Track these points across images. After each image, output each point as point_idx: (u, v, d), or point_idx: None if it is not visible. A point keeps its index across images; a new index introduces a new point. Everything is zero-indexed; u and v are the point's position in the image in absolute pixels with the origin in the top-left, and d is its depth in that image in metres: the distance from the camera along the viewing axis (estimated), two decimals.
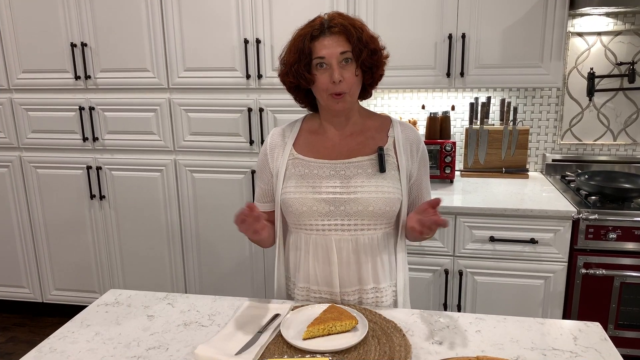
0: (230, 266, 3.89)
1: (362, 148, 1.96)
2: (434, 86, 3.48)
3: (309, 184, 1.93)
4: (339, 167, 1.94)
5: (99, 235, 4.04)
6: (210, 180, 3.76)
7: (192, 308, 1.98)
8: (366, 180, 1.91)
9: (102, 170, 3.89)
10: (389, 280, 2.01)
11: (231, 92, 3.60)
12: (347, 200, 1.90)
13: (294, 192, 1.94)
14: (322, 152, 1.98)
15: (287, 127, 2.08)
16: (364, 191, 1.90)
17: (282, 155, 2.01)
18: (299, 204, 1.92)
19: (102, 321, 1.90)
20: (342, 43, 1.81)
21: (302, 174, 1.95)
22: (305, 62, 1.83)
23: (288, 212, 1.97)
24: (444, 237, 3.25)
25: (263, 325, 1.78)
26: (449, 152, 3.58)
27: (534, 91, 3.86)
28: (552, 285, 3.19)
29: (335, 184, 1.92)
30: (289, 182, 1.97)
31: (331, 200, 1.91)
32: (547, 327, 1.79)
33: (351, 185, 1.91)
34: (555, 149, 3.92)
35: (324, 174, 1.94)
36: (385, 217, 1.92)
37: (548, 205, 3.14)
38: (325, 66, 1.82)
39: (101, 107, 3.78)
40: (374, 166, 1.93)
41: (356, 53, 1.81)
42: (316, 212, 1.92)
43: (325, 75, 1.83)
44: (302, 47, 1.82)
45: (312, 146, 2.00)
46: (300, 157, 1.98)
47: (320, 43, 1.81)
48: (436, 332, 1.77)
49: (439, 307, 3.37)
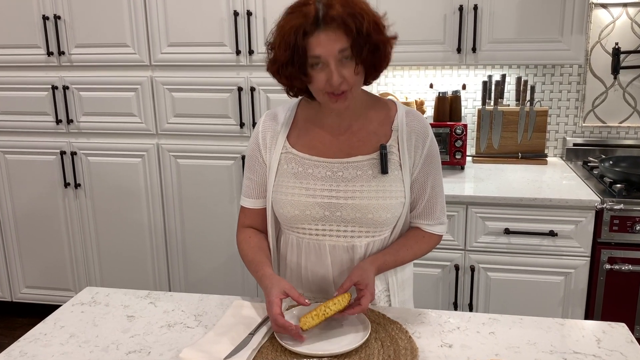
0: (219, 262, 3.89)
1: (362, 146, 1.91)
2: (443, 63, 3.47)
3: (302, 185, 1.91)
4: (336, 168, 1.90)
5: (74, 228, 4.04)
6: (197, 166, 3.75)
7: (177, 308, 1.98)
8: (366, 184, 1.87)
9: (77, 156, 3.89)
10: (383, 283, 2.01)
11: (220, 70, 3.59)
12: (344, 206, 1.87)
13: (285, 192, 1.92)
14: (319, 148, 1.94)
15: (281, 112, 2.02)
16: (363, 197, 1.87)
17: (275, 147, 1.97)
18: (291, 207, 1.90)
19: (77, 322, 1.90)
20: (340, 38, 1.69)
21: (296, 173, 1.92)
22: (299, 62, 1.73)
23: (279, 214, 1.96)
24: (454, 230, 3.25)
25: (255, 326, 1.78)
26: (459, 135, 3.58)
27: (553, 68, 3.85)
28: (573, 282, 3.20)
29: (332, 186, 1.89)
30: (280, 180, 1.94)
31: (326, 205, 1.88)
32: (568, 328, 1.80)
33: (349, 189, 1.88)
34: (576, 132, 3.92)
35: (319, 175, 1.90)
36: (385, 224, 1.90)
37: (569, 194, 3.14)
38: (322, 65, 1.73)
39: (76, 86, 3.77)
40: (374, 167, 1.89)
41: (356, 50, 1.70)
42: (309, 217, 1.90)
43: (322, 74, 1.74)
44: (294, 44, 1.70)
45: (307, 140, 1.96)
46: (294, 153, 1.94)
47: (315, 39, 1.70)
48: (446, 334, 1.77)
49: (449, 306, 3.38)
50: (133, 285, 3.98)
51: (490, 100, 3.84)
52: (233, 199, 3.72)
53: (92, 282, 4.11)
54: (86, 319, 1.92)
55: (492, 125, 3.88)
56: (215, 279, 3.94)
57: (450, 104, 3.74)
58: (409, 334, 1.74)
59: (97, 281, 4.11)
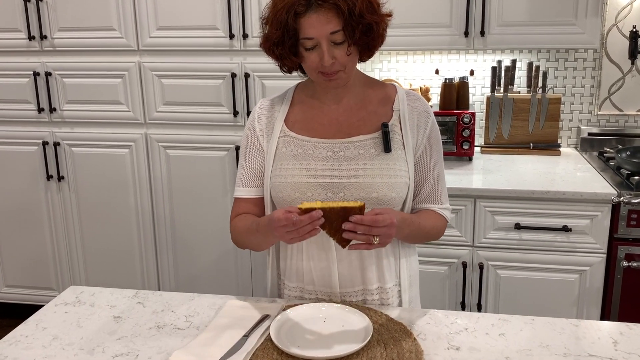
0: (211, 259, 3.89)
1: (363, 125, 1.95)
2: (449, 47, 3.47)
3: (302, 166, 1.92)
4: (337, 148, 1.93)
5: (57, 223, 4.03)
6: (188, 158, 3.75)
7: (167, 308, 1.99)
8: (369, 162, 1.90)
9: (60, 147, 3.88)
10: (395, 278, 2.01)
11: (212, 55, 3.59)
12: (347, 185, 1.89)
13: (285, 175, 1.93)
14: (318, 129, 1.97)
15: (277, 99, 2.07)
16: (367, 175, 1.89)
17: (273, 132, 2.00)
18: (291, 189, 1.91)
19: (60, 323, 1.90)
20: (332, 19, 1.76)
21: (295, 155, 1.94)
22: (290, 42, 1.81)
23: (278, 199, 1.96)
24: (461, 225, 3.25)
25: (250, 328, 1.78)
26: (467, 124, 3.57)
27: (567, 53, 3.84)
28: (588, 281, 3.20)
29: (334, 166, 1.91)
30: (279, 164, 1.95)
31: (328, 185, 1.90)
32: (583, 329, 1.80)
33: (352, 168, 1.90)
34: (591, 121, 3.91)
35: (320, 155, 1.93)
36: (391, 204, 1.91)
37: (583, 187, 3.14)
38: (314, 45, 1.80)
39: (59, 73, 3.76)
40: (377, 146, 1.92)
41: (348, 32, 1.77)
42: (311, 199, 1.90)
43: (314, 54, 1.82)
44: (285, 24, 1.78)
45: (306, 122, 1.99)
46: (293, 135, 1.97)
47: (306, 21, 1.77)
48: (453, 336, 1.77)
49: (456, 306, 3.38)
50: (120, 284, 3.98)
51: (499, 87, 3.83)
52: (226, 192, 3.72)
53: (77, 281, 4.11)
54: (70, 320, 1.92)
55: (501, 113, 3.87)
56: (208, 277, 3.94)
57: (457, 91, 3.73)
58: (413, 335, 1.74)
59: (81, 280, 4.11)
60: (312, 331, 1.75)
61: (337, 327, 1.78)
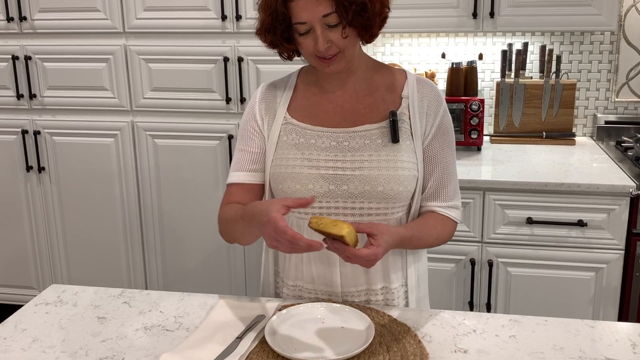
0: (202, 255, 3.90)
1: (369, 113, 1.95)
2: (456, 29, 3.47)
3: (304, 156, 1.93)
4: (341, 137, 1.93)
5: (38, 217, 4.03)
6: (177, 147, 3.75)
7: (154, 308, 1.99)
8: (374, 153, 1.90)
9: (40, 136, 3.88)
10: (401, 278, 2.01)
11: (203, 37, 3.58)
12: (351, 178, 1.89)
13: (285, 165, 1.93)
14: (322, 117, 1.97)
15: (280, 83, 2.07)
16: (372, 167, 1.89)
17: (275, 119, 2.00)
18: (292, 180, 1.91)
19: (41, 325, 1.90)
20: (323, 1, 1.76)
21: (297, 144, 1.94)
22: (281, 28, 1.82)
23: (277, 190, 1.96)
24: (469, 219, 3.26)
25: (243, 329, 1.78)
26: (475, 112, 3.57)
27: (582, 35, 3.84)
28: (605, 279, 3.20)
29: (337, 157, 1.91)
30: (280, 153, 1.96)
31: (331, 177, 1.90)
32: (599, 331, 1.80)
33: (356, 159, 1.90)
34: (608, 108, 3.91)
35: (322, 145, 1.93)
36: (398, 199, 1.91)
37: (600, 179, 3.14)
38: (308, 30, 1.80)
39: (40, 57, 3.76)
40: (384, 136, 1.92)
41: (341, 12, 1.77)
42: (312, 192, 1.91)
43: (309, 39, 1.82)
44: (274, 9, 1.80)
45: (309, 109, 1.99)
46: (295, 123, 1.97)
47: (296, 4, 1.77)
48: (460, 338, 1.77)
49: (464, 306, 3.38)
50: (104, 283, 3.98)
51: (510, 72, 3.83)
52: (218, 184, 3.72)
53: (58, 279, 4.12)
54: (51, 321, 1.92)
55: (512, 100, 3.87)
56: (198, 275, 3.94)
57: (465, 76, 3.73)
58: (418, 337, 1.74)
59: (63, 278, 4.11)
60: (310, 333, 1.75)
61: (337, 328, 1.78)
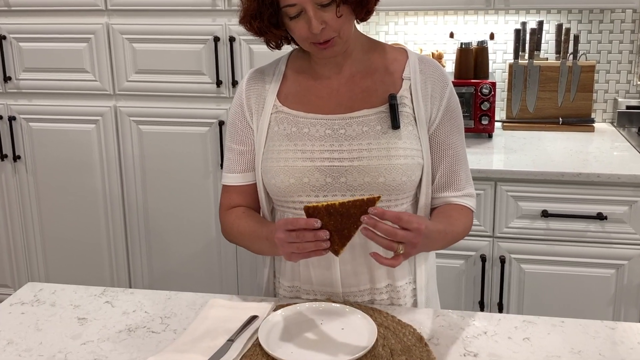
0: (191, 251, 3.90)
1: (367, 97, 1.94)
2: (466, 7, 3.48)
3: (297, 148, 1.92)
4: (337, 125, 1.92)
5: (13, 210, 4.03)
6: (163, 134, 3.75)
7: (139, 308, 1.99)
8: (374, 142, 1.89)
9: (16, 122, 3.87)
10: (408, 275, 2.00)
11: (191, 15, 3.58)
12: (349, 169, 1.88)
13: (277, 158, 1.93)
14: (315, 103, 1.96)
15: (268, 68, 2.06)
16: (372, 156, 1.88)
17: (264, 108, 1.99)
18: (285, 175, 1.91)
19: (16, 326, 1.90)
20: None
21: (289, 134, 1.94)
22: (268, 13, 1.79)
23: (270, 185, 1.96)
24: (480, 212, 3.25)
25: (235, 331, 1.78)
26: (486, 96, 3.57)
27: (602, 13, 3.84)
28: (626, 277, 3.21)
29: (333, 147, 1.90)
30: (271, 145, 1.95)
31: (327, 170, 1.89)
32: (620, 332, 1.80)
33: (354, 149, 1.89)
34: (630, 92, 3.92)
35: (317, 134, 1.92)
36: (402, 190, 1.90)
37: (620, 169, 3.14)
38: (299, 13, 1.77)
39: (15, 36, 3.75)
40: (383, 122, 1.91)
41: None
42: (308, 186, 1.90)
43: (300, 23, 1.79)
44: None
45: (301, 95, 1.98)
46: (286, 111, 1.96)
47: None
48: (470, 341, 1.77)
49: (474, 306, 3.39)
50: (85, 281, 3.97)
51: (524, 52, 3.84)
52: (208, 173, 3.72)
53: (35, 277, 4.12)
54: (27, 322, 1.92)
55: (526, 83, 3.87)
56: (187, 272, 3.94)
57: (475, 57, 3.74)
58: (424, 340, 1.74)
59: (40, 276, 4.11)
60: (307, 335, 1.76)
61: (336, 330, 1.78)
